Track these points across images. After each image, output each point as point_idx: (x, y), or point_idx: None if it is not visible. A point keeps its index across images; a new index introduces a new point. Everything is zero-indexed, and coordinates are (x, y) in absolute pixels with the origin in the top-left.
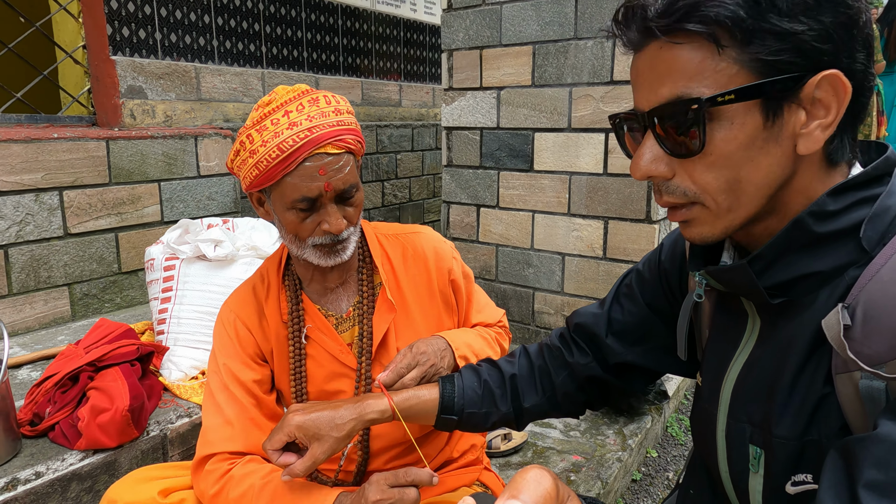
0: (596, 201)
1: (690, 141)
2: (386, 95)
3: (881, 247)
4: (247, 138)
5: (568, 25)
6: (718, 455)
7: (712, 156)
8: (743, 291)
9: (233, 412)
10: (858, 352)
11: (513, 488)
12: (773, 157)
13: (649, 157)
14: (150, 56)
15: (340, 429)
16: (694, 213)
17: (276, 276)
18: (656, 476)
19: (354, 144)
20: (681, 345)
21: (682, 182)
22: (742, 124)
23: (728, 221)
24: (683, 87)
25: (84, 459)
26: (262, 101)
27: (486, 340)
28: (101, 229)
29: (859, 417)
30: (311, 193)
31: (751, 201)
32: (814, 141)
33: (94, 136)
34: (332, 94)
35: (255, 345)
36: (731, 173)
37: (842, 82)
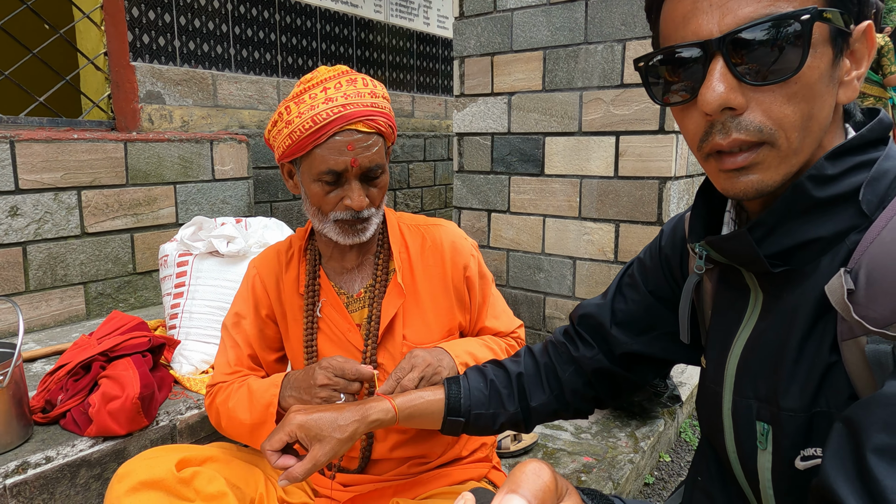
0: (607, 204)
1: (781, 64)
2: (399, 106)
3: (881, 210)
4: (285, 110)
5: (578, 30)
6: (725, 435)
7: (797, 84)
8: (744, 261)
9: (233, 357)
10: (864, 315)
11: (511, 482)
12: (831, 99)
13: (727, 85)
14: (168, 63)
15: (343, 430)
16: (761, 155)
17: (300, 247)
18: (669, 481)
19: (385, 127)
20: (683, 327)
21: (756, 116)
22: (822, 55)
23: (791, 166)
24: (770, 5)
25: (94, 446)
26: (304, 78)
27: (492, 350)
28: (117, 229)
29: (868, 385)
30: (337, 167)
31: (812, 143)
32: (853, 90)
33: (112, 138)
34: (371, 79)
35: (269, 306)
36: (808, 107)
37: (873, 35)
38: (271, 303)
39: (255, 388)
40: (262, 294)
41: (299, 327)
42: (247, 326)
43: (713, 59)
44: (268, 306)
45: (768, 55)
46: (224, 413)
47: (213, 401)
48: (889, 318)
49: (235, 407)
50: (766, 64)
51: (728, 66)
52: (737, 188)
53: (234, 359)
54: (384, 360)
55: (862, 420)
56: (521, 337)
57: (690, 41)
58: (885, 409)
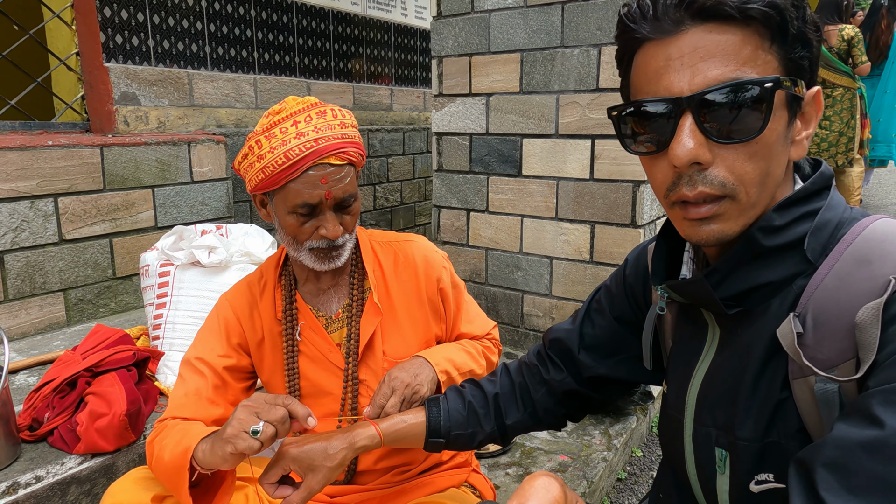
0: (583, 206)
1: (745, 125)
2: (377, 100)
3: (824, 257)
4: (255, 143)
5: (555, 34)
6: (686, 459)
7: (758, 144)
8: (702, 303)
9: (193, 387)
10: (812, 357)
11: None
12: (785, 157)
13: (694, 142)
14: (143, 63)
15: (333, 458)
16: (723, 207)
17: (274, 275)
18: (641, 475)
19: (356, 157)
20: (646, 355)
21: (721, 172)
22: (780, 118)
23: (748, 217)
24: (736, 70)
25: (83, 463)
26: (272, 110)
27: (469, 354)
28: (95, 235)
29: (815, 419)
30: (312, 200)
31: (767, 197)
32: (803, 148)
33: (88, 143)
34: (339, 109)
35: (242, 334)
36: (766, 164)
37: (821, 99)
38: (244, 331)
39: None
40: (234, 324)
41: (279, 353)
42: (215, 356)
43: (683, 115)
44: (240, 335)
45: (733, 116)
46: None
47: (152, 437)
48: (835, 361)
49: (165, 445)
50: (730, 123)
51: (697, 124)
52: (699, 236)
53: (193, 389)
54: (366, 376)
55: (813, 461)
56: (495, 338)
57: (662, 97)
58: (832, 450)
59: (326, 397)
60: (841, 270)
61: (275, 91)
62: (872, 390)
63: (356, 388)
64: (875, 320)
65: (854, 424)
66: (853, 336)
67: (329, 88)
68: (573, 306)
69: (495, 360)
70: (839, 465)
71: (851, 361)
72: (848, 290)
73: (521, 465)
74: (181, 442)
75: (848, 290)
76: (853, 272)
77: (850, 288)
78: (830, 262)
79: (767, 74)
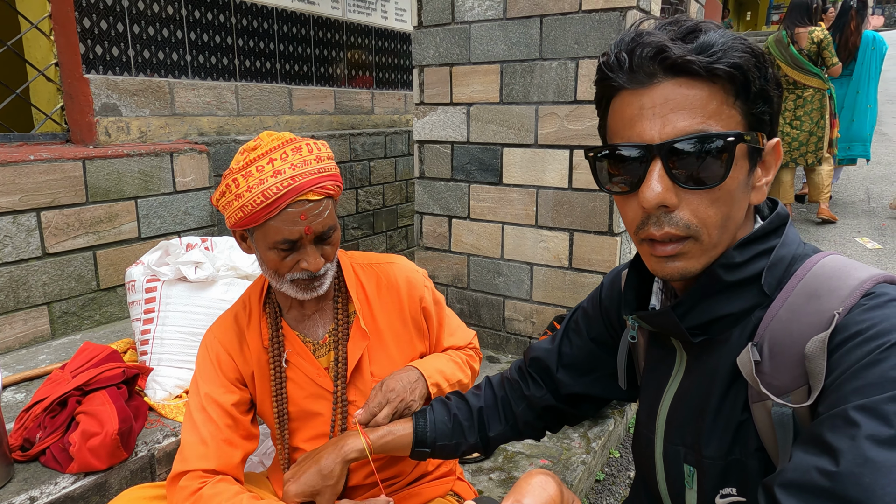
0: (562, 214)
1: (709, 174)
2: (358, 103)
3: (779, 291)
4: (233, 182)
5: (534, 46)
6: (658, 474)
7: (720, 191)
8: (669, 332)
9: (208, 432)
10: (769, 384)
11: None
12: (745, 202)
13: (662, 187)
14: (123, 73)
15: (330, 476)
16: (686, 247)
17: (258, 304)
18: (618, 476)
19: (333, 189)
20: (621, 375)
21: (685, 215)
22: (741, 167)
23: (710, 257)
24: (702, 123)
25: (76, 482)
26: (247, 146)
27: (457, 364)
28: (78, 248)
29: (772, 439)
30: (292, 236)
31: (728, 238)
32: (762, 193)
33: (70, 157)
34: (315, 142)
35: (236, 369)
36: (727, 209)
37: (779, 149)
38: (237, 366)
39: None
40: (226, 360)
41: (267, 380)
42: (219, 394)
43: (653, 161)
44: (234, 370)
45: (698, 164)
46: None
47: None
48: (789, 387)
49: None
50: (695, 171)
51: (665, 169)
52: (665, 272)
53: (210, 435)
54: (355, 397)
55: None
56: (476, 347)
57: (635, 142)
58: (793, 474)
59: (316, 419)
60: (793, 304)
61: (256, 98)
62: (822, 417)
63: (345, 408)
64: (821, 352)
65: (809, 451)
66: (804, 365)
67: (310, 93)
68: (553, 311)
69: (477, 368)
70: (799, 487)
71: (803, 388)
72: (799, 322)
73: (504, 469)
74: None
75: (799, 321)
76: (804, 305)
77: (801, 320)
78: (784, 296)
79: (731, 128)
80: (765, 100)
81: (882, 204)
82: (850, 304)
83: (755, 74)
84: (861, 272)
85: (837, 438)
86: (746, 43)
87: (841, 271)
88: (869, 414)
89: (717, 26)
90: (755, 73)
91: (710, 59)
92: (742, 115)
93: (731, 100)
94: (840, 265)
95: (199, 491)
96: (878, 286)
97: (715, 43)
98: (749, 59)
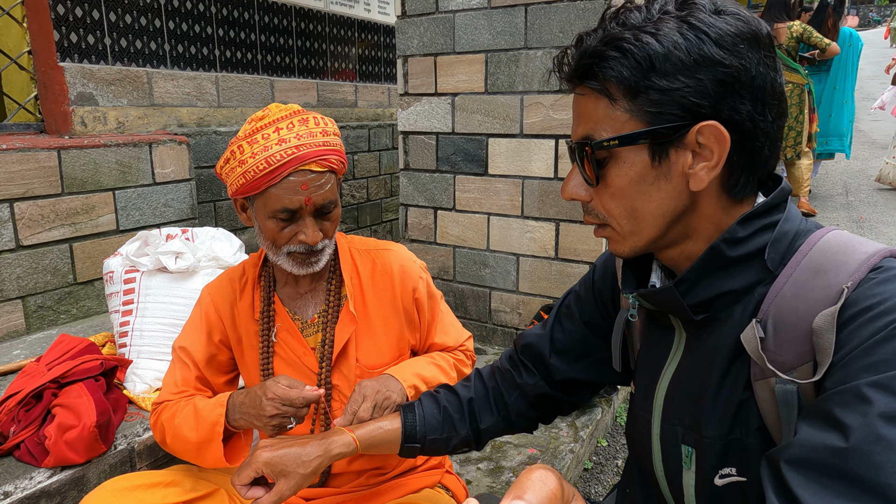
0: (548, 204)
1: (588, 175)
2: (342, 96)
3: (783, 266)
4: (237, 148)
5: (518, 35)
6: (654, 456)
7: (611, 188)
8: (670, 309)
9: (181, 377)
10: (773, 360)
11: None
12: (664, 192)
13: (574, 182)
14: (100, 61)
15: (307, 465)
16: (607, 232)
17: (254, 274)
18: (606, 464)
19: (337, 164)
20: (615, 357)
21: (597, 206)
22: (632, 163)
23: (633, 243)
24: (590, 129)
25: (52, 477)
26: (255, 116)
27: (440, 368)
28: (54, 240)
29: (775, 418)
30: (292, 205)
31: (650, 227)
32: (699, 180)
33: (44, 147)
34: (322, 117)
35: (223, 331)
36: (627, 203)
37: (720, 131)
38: (225, 329)
39: (200, 406)
40: (215, 320)
41: (255, 352)
42: (197, 350)
43: (573, 159)
44: (221, 332)
45: (584, 166)
46: (169, 430)
47: (157, 419)
48: (794, 363)
49: (181, 425)
50: (588, 171)
51: (579, 167)
52: (609, 250)
53: (182, 379)
54: (339, 381)
55: (781, 460)
56: (469, 349)
57: (569, 142)
58: (800, 450)
59: None
60: (798, 279)
61: (237, 89)
62: (830, 392)
63: (329, 392)
64: (830, 326)
65: (817, 427)
66: (810, 340)
67: (293, 85)
68: (539, 302)
69: (467, 373)
70: (807, 464)
71: (809, 364)
72: (805, 298)
73: (492, 459)
74: (202, 419)
75: (805, 297)
76: (809, 281)
77: (807, 296)
78: (788, 272)
79: (621, 130)
80: (660, 92)
81: (860, 197)
82: (858, 278)
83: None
84: (867, 247)
85: (848, 415)
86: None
87: (847, 246)
88: (882, 390)
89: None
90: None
91: (574, 77)
92: (632, 114)
93: (615, 102)
94: (845, 240)
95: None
96: (885, 260)
97: (585, 51)
98: (617, 59)
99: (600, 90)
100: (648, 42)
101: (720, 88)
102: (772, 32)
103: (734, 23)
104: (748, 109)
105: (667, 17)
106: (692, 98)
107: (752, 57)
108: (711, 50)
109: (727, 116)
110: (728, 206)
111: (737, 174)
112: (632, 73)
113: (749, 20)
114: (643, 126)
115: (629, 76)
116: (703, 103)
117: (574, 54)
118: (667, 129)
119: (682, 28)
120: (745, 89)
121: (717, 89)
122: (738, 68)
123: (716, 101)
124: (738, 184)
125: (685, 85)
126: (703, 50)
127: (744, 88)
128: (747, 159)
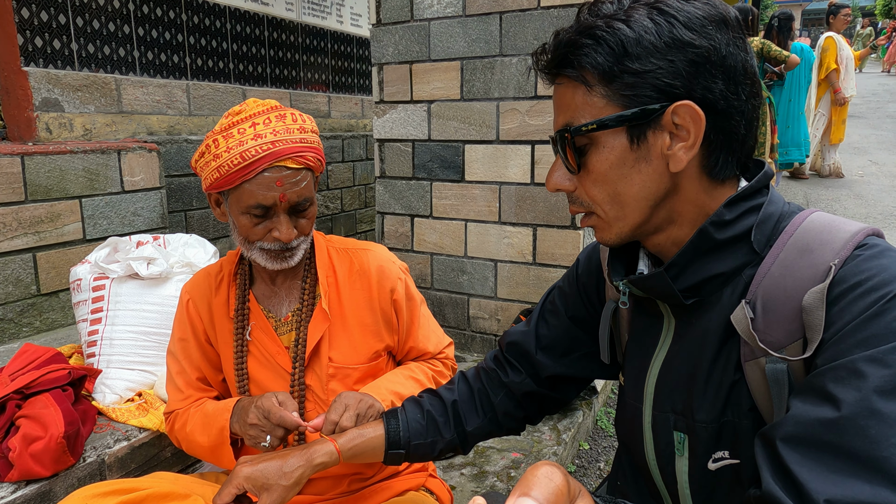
0: (525, 209)
1: (569, 163)
2: (315, 107)
3: (769, 248)
4: (213, 142)
5: (493, 42)
6: (645, 446)
7: (592, 174)
8: (661, 295)
9: (182, 382)
10: (763, 340)
11: (524, 485)
12: (645, 175)
13: (558, 173)
14: (66, 67)
15: (289, 477)
16: (593, 220)
17: (230, 270)
18: (589, 467)
19: (314, 162)
20: (603, 349)
21: (581, 195)
22: (612, 147)
23: (618, 229)
24: (570, 117)
25: (16, 492)
26: (232, 111)
27: (418, 382)
28: (16, 249)
29: (765, 397)
30: (266, 202)
31: (633, 211)
32: (678, 160)
33: (6, 152)
34: (300, 114)
35: (203, 329)
36: (610, 188)
37: (694, 110)
38: (205, 327)
39: (210, 410)
40: (196, 318)
41: (230, 350)
42: (191, 349)
43: (556, 150)
44: (202, 330)
45: (565, 155)
46: (183, 438)
47: (171, 427)
48: (784, 342)
49: (193, 431)
50: (570, 160)
51: (562, 158)
52: (597, 239)
53: (183, 384)
54: (312, 381)
55: (776, 437)
56: (449, 357)
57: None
58: (794, 427)
59: None
60: (785, 259)
61: (209, 98)
62: (822, 368)
63: (303, 393)
64: (820, 303)
65: (811, 402)
66: (800, 318)
67: (265, 95)
68: (518, 307)
69: None
70: (802, 440)
71: (799, 342)
72: (793, 277)
73: (476, 464)
74: (209, 424)
75: (793, 276)
76: (796, 260)
77: (795, 274)
78: (775, 252)
79: (598, 116)
80: (634, 75)
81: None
82: (844, 255)
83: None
84: (850, 225)
85: (842, 390)
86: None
87: (830, 225)
88: (875, 365)
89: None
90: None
91: (552, 67)
92: (608, 99)
93: (592, 88)
94: (828, 220)
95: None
96: (868, 238)
97: (560, 42)
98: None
99: (577, 77)
100: (620, 28)
101: (692, 69)
102: (739, 16)
103: (702, 6)
104: (721, 88)
105: (637, 4)
106: (665, 79)
107: (722, 38)
108: (681, 32)
109: (700, 96)
110: (710, 188)
111: (715, 154)
112: (605, 58)
113: (716, 4)
114: (620, 110)
115: (603, 62)
116: (676, 83)
117: (550, 47)
118: (643, 110)
119: (653, 14)
120: (717, 69)
121: (690, 69)
122: (708, 48)
123: (689, 81)
124: (718, 164)
125: (658, 67)
126: (673, 33)
127: (715, 68)
128: (724, 139)
